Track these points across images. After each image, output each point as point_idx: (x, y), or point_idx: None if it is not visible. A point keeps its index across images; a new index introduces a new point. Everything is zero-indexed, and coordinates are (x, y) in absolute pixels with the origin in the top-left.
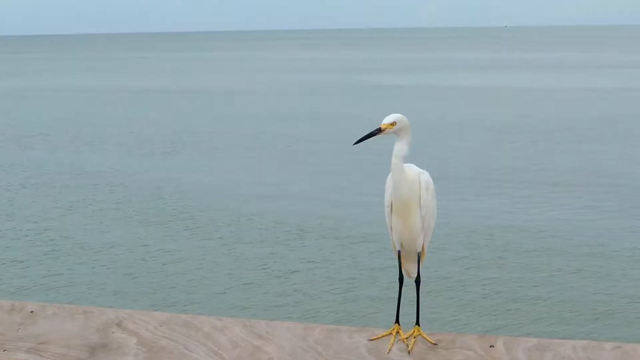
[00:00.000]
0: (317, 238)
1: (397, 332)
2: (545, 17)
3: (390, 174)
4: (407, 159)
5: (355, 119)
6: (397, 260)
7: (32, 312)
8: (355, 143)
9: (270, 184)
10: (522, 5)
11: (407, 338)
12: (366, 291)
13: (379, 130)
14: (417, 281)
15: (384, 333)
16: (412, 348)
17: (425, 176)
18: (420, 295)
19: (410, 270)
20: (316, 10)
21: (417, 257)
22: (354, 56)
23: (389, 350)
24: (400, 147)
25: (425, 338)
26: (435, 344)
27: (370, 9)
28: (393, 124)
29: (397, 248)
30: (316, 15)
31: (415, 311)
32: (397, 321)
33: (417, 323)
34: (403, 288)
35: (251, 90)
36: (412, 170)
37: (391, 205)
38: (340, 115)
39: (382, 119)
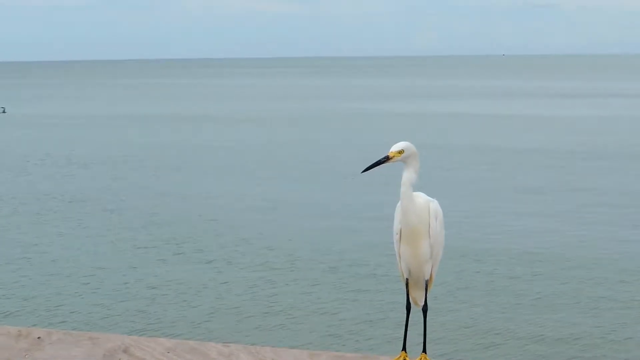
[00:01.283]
0: (324, 265)
1: (404, 359)
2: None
3: (400, 202)
4: (416, 186)
5: (357, 146)
6: (404, 287)
7: (38, 338)
8: (363, 171)
9: (272, 209)
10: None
11: None
12: (373, 318)
13: (387, 158)
14: (424, 309)
15: None
16: None
17: (434, 205)
18: (427, 322)
19: (417, 297)
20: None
21: (424, 285)
22: (353, 83)
23: None
24: (408, 175)
25: None
26: None
27: (368, 38)
28: (401, 151)
29: (405, 276)
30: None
31: (422, 338)
32: (404, 348)
33: (424, 350)
34: (410, 315)
35: (249, 117)
36: (421, 198)
37: (400, 232)
38: (341, 143)
39: (388, 147)
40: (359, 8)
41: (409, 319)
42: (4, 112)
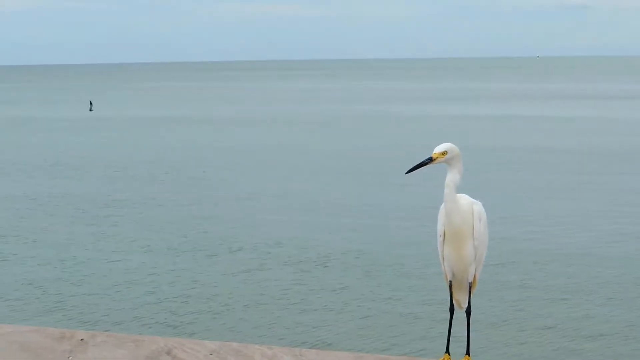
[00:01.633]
0: (367, 268)
1: None
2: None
3: (443, 203)
4: (460, 188)
5: (395, 148)
6: (448, 290)
7: (82, 340)
8: (407, 172)
9: (309, 210)
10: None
11: None
12: (417, 321)
13: (430, 160)
14: (468, 311)
15: None
16: None
17: (478, 206)
18: (470, 325)
19: (461, 300)
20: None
21: (468, 287)
22: (388, 86)
23: None
24: (452, 177)
25: None
26: None
27: (399, 40)
28: (444, 153)
29: (449, 278)
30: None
31: (465, 341)
32: (447, 351)
33: (468, 353)
34: (453, 318)
35: (273, 120)
36: (465, 200)
37: (444, 234)
38: (378, 145)
39: (428, 149)
40: (391, 10)
41: (453, 321)
42: (91, 109)
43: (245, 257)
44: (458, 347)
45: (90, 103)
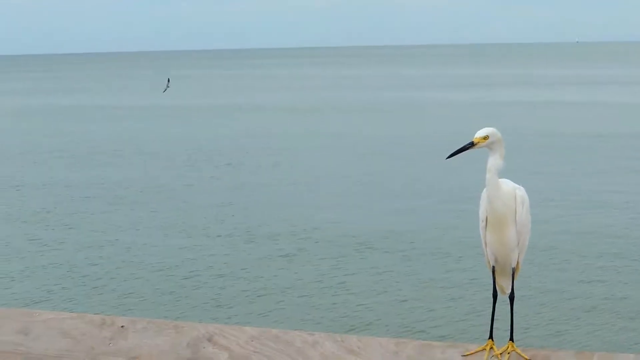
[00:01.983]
0: (409, 252)
1: (491, 348)
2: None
3: (485, 188)
4: (501, 173)
5: (437, 134)
6: (491, 275)
7: (122, 326)
8: (448, 157)
9: (353, 194)
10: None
11: (501, 354)
12: (459, 306)
13: (471, 144)
14: (511, 297)
15: (478, 349)
16: None
17: (520, 191)
18: (514, 310)
19: (504, 285)
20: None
21: (511, 273)
22: (429, 72)
23: None
24: (494, 162)
25: (519, 354)
26: (529, 359)
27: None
28: (486, 137)
29: (492, 263)
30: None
31: (509, 326)
32: (490, 336)
33: (511, 338)
34: (497, 303)
35: (312, 107)
36: (507, 185)
37: (486, 220)
38: (420, 131)
39: (469, 134)
40: None
41: (496, 306)
42: (168, 86)
43: (284, 241)
44: (501, 332)
45: (168, 80)
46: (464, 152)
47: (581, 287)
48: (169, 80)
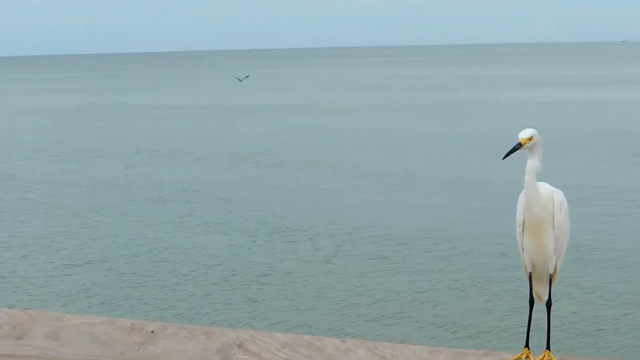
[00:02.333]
0: (446, 255)
1: (527, 357)
2: None
3: (523, 191)
4: (539, 176)
5: (479, 135)
6: (528, 282)
7: (152, 332)
8: (504, 157)
9: (395, 207)
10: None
11: None
12: (494, 313)
13: (519, 145)
14: (549, 304)
15: (514, 357)
16: None
17: (559, 195)
18: (551, 318)
19: (541, 292)
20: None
21: (548, 279)
22: (473, 72)
23: None
24: (532, 163)
25: None
26: None
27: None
28: (530, 138)
29: (529, 269)
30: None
31: (545, 335)
32: (526, 345)
33: (548, 347)
34: (533, 310)
35: (356, 106)
36: (546, 188)
37: (523, 224)
38: (462, 133)
39: (509, 136)
40: None
41: (532, 314)
42: (240, 80)
43: (319, 245)
44: (537, 341)
45: (247, 77)
46: (515, 153)
47: (622, 294)
48: (247, 76)
